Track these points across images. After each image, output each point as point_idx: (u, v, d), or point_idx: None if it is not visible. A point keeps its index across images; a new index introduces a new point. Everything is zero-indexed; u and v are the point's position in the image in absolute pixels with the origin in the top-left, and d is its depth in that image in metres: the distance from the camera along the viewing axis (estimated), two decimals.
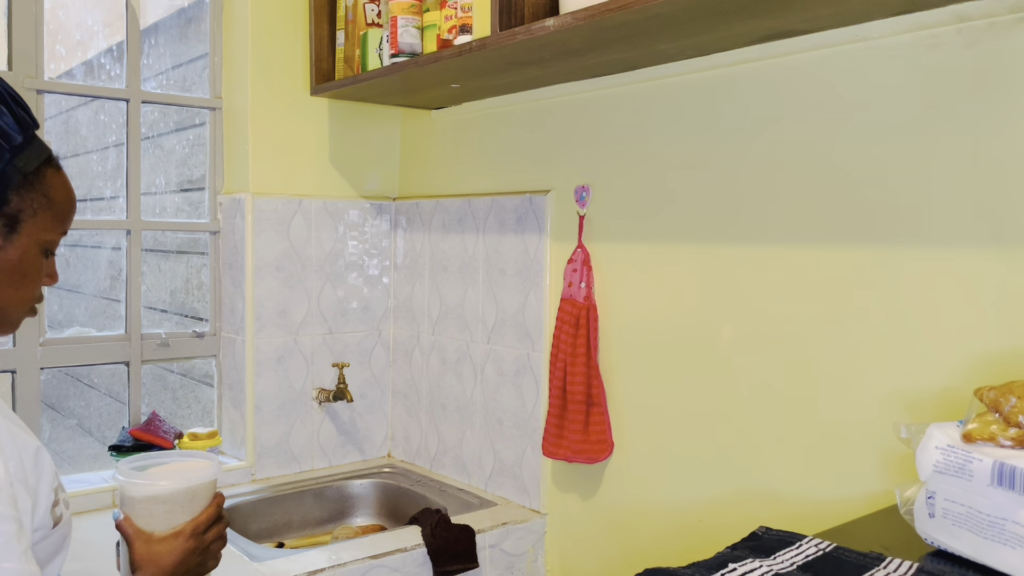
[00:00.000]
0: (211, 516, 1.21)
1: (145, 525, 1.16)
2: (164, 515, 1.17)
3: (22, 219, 1.03)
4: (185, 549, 1.16)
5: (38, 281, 1.09)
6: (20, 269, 1.05)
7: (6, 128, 1.00)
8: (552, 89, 2.01)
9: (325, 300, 2.43)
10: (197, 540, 1.18)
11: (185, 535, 1.17)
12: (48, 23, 2.11)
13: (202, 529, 1.19)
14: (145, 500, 1.17)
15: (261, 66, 2.30)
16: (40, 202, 1.05)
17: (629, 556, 1.86)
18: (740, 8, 1.33)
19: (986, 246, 1.28)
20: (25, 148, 1.03)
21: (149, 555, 1.14)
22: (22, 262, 1.05)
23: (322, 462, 2.45)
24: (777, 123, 1.56)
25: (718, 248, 1.66)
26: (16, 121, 1.02)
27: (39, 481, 1.03)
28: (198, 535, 1.18)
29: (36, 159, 1.04)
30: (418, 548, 1.85)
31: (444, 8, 1.80)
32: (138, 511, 1.17)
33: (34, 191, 1.04)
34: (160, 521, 1.17)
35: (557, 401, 1.91)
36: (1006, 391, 0.97)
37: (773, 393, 1.57)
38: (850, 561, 0.95)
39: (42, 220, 1.05)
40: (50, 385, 2.84)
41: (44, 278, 1.11)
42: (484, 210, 2.23)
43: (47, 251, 1.09)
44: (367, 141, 2.52)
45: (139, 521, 1.17)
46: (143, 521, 1.17)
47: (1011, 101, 1.25)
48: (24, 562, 0.96)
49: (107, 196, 2.48)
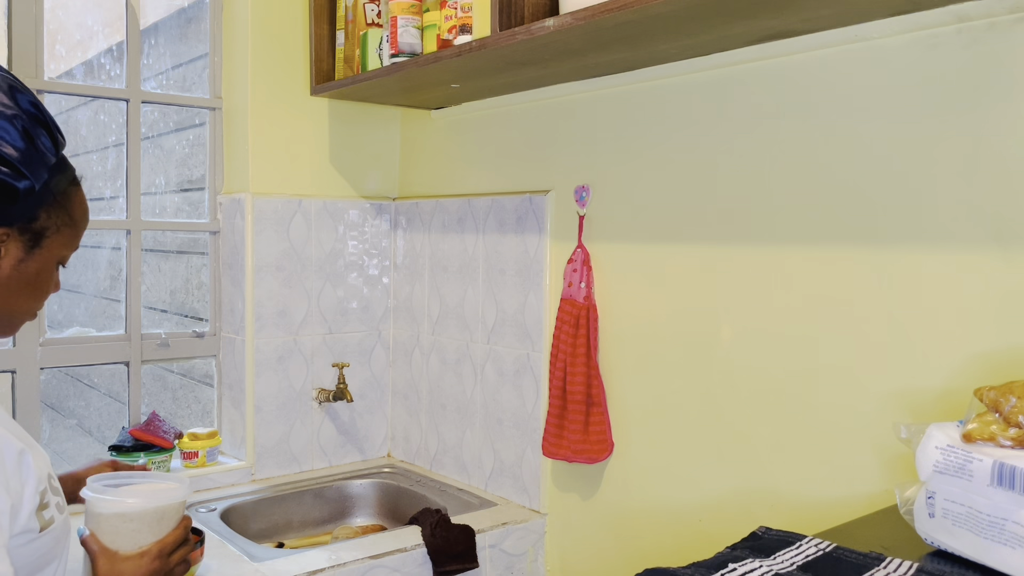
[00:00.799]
0: (178, 538, 1.20)
1: (111, 543, 1.15)
2: (131, 534, 1.16)
3: (47, 235, 1.07)
4: (150, 570, 1.15)
5: (48, 293, 1.13)
6: (37, 282, 1.09)
7: (44, 150, 1.04)
8: (552, 89, 2.01)
9: (325, 300, 2.43)
10: (162, 562, 1.17)
11: (151, 556, 1.16)
12: (48, 23, 2.11)
13: (168, 551, 1.18)
14: (112, 517, 1.16)
15: (261, 66, 2.30)
16: (64, 219, 1.09)
17: (629, 556, 1.86)
18: (740, 8, 1.33)
19: (986, 246, 1.28)
20: (58, 169, 1.07)
21: (112, 573, 1.13)
22: (39, 275, 1.09)
23: (322, 462, 2.45)
24: (777, 123, 1.56)
25: (718, 248, 1.66)
26: (53, 143, 1.06)
27: (22, 484, 1.02)
28: (163, 557, 1.17)
29: (66, 180, 1.09)
30: (418, 548, 1.85)
31: (444, 8, 1.80)
32: (104, 528, 1.16)
33: (60, 209, 1.08)
34: (126, 540, 1.15)
35: (557, 401, 1.91)
36: (1006, 391, 0.97)
37: (773, 393, 1.57)
38: (850, 561, 0.95)
39: (63, 236, 1.09)
40: (50, 385, 2.84)
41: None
42: (484, 210, 2.23)
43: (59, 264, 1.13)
44: (367, 141, 2.52)
45: (105, 539, 1.15)
46: (109, 539, 1.15)
47: (1011, 101, 1.25)
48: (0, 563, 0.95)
49: (107, 196, 2.48)
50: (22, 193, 1.02)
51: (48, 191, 1.05)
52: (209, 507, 2.08)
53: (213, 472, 2.24)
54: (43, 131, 1.05)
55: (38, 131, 1.04)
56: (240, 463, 2.31)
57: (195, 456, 2.24)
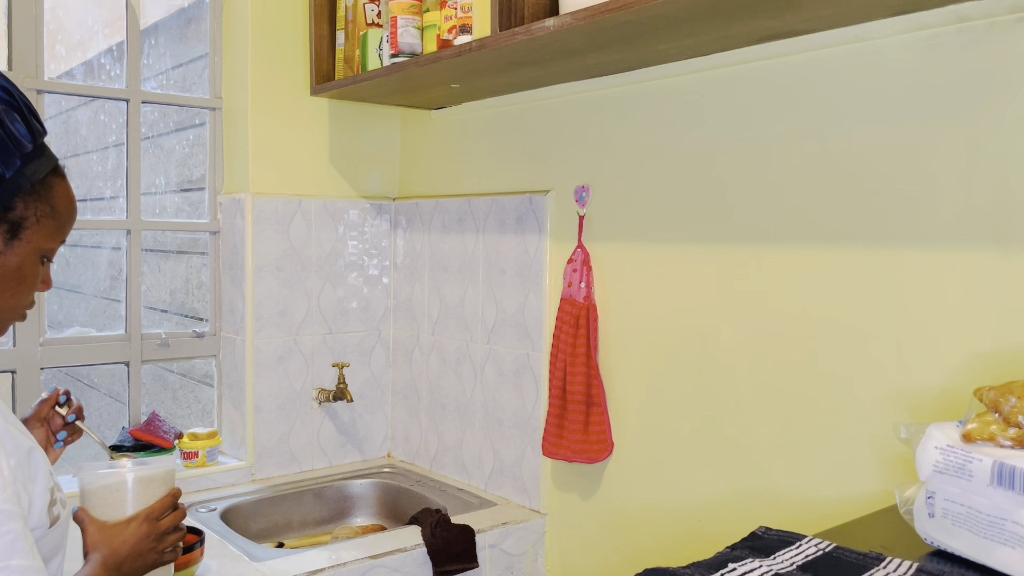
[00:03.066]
0: (166, 504, 1.22)
1: (100, 514, 1.18)
2: (119, 504, 1.20)
3: (25, 226, 1.04)
4: (138, 533, 1.17)
5: (34, 288, 1.10)
6: (18, 275, 1.06)
7: (18, 136, 1.01)
8: (552, 89, 2.01)
9: (325, 300, 2.43)
10: (151, 525, 1.19)
11: (139, 520, 1.18)
12: (48, 23, 2.11)
13: (156, 515, 1.20)
14: (100, 489, 1.20)
15: (261, 66, 2.30)
16: (44, 210, 1.05)
17: (629, 556, 1.86)
18: (740, 8, 1.33)
19: (986, 246, 1.28)
20: (35, 156, 1.04)
21: (101, 538, 1.15)
22: (21, 268, 1.05)
23: (322, 462, 2.45)
24: (777, 123, 1.56)
25: (718, 248, 1.66)
26: (28, 129, 1.02)
27: (34, 481, 1.04)
28: (152, 520, 1.19)
29: (44, 168, 1.05)
30: (418, 548, 1.85)
31: (444, 8, 1.80)
32: (93, 501, 1.19)
33: (40, 199, 1.05)
34: (115, 510, 1.19)
35: (557, 401, 1.91)
36: (1006, 391, 0.97)
37: (773, 393, 1.57)
38: (850, 561, 0.95)
39: (44, 228, 1.06)
40: (50, 385, 2.84)
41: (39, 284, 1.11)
42: (484, 210, 2.23)
43: (44, 258, 1.10)
44: (367, 141, 2.52)
45: (95, 511, 1.19)
46: (99, 511, 1.19)
47: (1011, 101, 1.25)
48: (32, 558, 0.97)
49: (107, 196, 2.48)
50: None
51: (24, 179, 1.02)
52: (209, 507, 2.08)
53: (213, 472, 2.24)
54: (17, 116, 1.01)
55: (11, 116, 1.00)
56: (240, 463, 2.31)
57: (195, 456, 2.24)
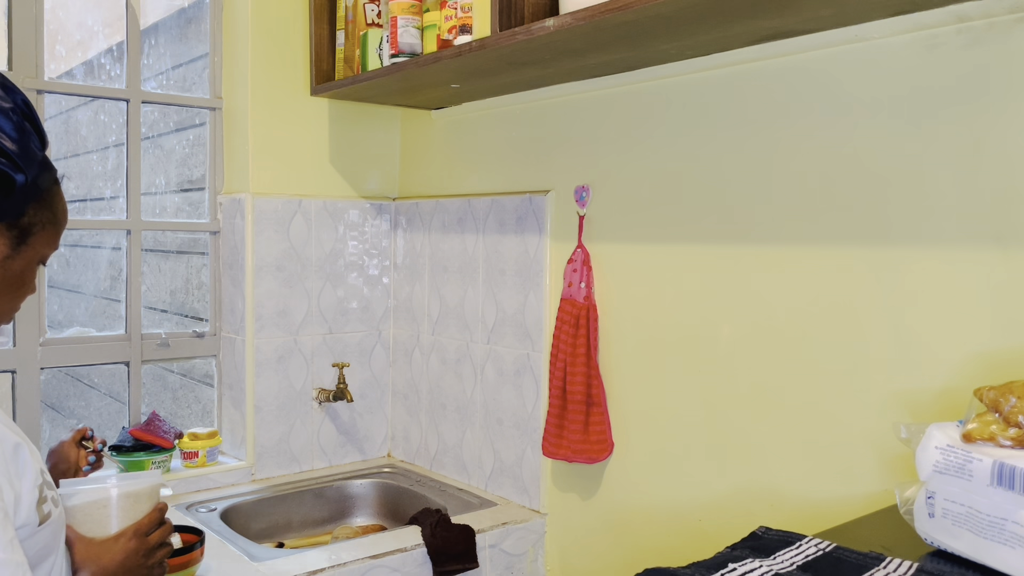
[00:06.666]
0: (153, 520, 1.22)
1: (86, 531, 1.17)
2: (105, 520, 1.18)
3: (33, 232, 1.07)
4: (127, 549, 1.17)
5: (28, 292, 1.13)
6: (20, 279, 1.09)
7: (33, 147, 1.05)
8: (552, 89, 2.01)
9: (325, 300, 2.43)
10: (139, 541, 1.18)
11: (127, 536, 1.18)
12: (48, 23, 2.11)
13: (144, 530, 1.20)
14: (86, 506, 1.18)
15: (261, 66, 2.30)
16: (48, 217, 1.09)
17: (629, 556, 1.86)
18: (740, 8, 1.33)
19: (986, 246, 1.28)
20: (44, 166, 1.07)
21: (89, 555, 1.14)
22: (23, 273, 1.09)
23: (322, 462, 2.45)
24: (777, 123, 1.56)
25: (718, 248, 1.66)
26: (40, 140, 1.07)
27: (21, 476, 1.03)
28: (140, 536, 1.19)
29: (50, 178, 1.09)
30: (418, 548, 1.85)
31: (444, 8, 1.80)
32: (80, 518, 1.17)
33: (45, 207, 1.08)
34: (102, 526, 1.17)
35: (557, 401, 1.91)
36: (1006, 391, 0.97)
37: (773, 393, 1.57)
38: (850, 561, 0.95)
39: (47, 235, 1.10)
40: (50, 385, 2.84)
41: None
42: (484, 210, 2.23)
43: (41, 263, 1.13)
44: (367, 141, 2.52)
45: (80, 528, 1.17)
46: (84, 527, 1.17)
47: (1011, 101, 1.25)
48: (11, 551, 0.96)
49: (107, 196, 2.48)
50: (18, 187, 1.02)
51: (36, 187, 1.05)
52: (209, 507, 2.08)
53: (213, 472, 2.24)
54: (31, 128, 1.05)
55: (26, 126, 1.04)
56: (240, 463, 2.31)
57: (195, 456, 2.24)
